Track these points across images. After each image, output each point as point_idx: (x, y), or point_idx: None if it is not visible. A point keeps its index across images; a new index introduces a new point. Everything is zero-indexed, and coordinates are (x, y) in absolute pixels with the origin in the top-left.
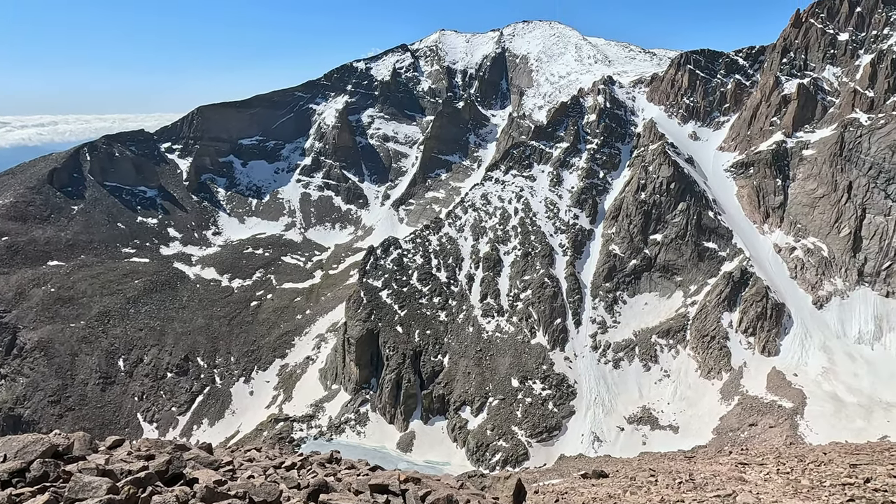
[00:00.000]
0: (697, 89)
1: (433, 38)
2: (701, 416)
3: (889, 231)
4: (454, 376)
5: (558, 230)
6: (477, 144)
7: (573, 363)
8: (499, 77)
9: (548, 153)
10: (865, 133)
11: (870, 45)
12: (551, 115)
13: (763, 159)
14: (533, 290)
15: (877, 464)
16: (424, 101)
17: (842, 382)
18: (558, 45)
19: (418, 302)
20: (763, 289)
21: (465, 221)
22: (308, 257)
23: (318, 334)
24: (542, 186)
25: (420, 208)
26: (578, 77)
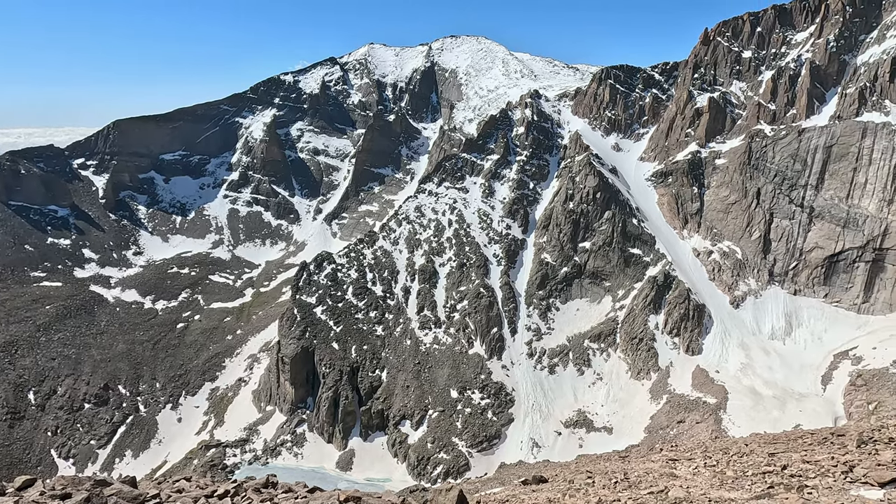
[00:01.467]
0: (618, 103)
1: (362, 51)
2: (633, 416)
3: (794, 234)
4: (393, 391)
5: (492, 240)
6: (409, 157)
7: (510, 371)
8: (429, 90)
9: (479, 165)
10: (770, 143)
11: (770, 62)
12: (481, 128)
13: (680, 168)
14: (469, 300)
15: (792, 451)
16: (355, 114)
17: (758, 377)
18: (486, 59)
19: (354, 317)
20: (685, 291)
21: (400, 234)
22: (238, 275)
23: (251, 355)
24: (474, 198)
25: (353, 222)
26: (506, 91)
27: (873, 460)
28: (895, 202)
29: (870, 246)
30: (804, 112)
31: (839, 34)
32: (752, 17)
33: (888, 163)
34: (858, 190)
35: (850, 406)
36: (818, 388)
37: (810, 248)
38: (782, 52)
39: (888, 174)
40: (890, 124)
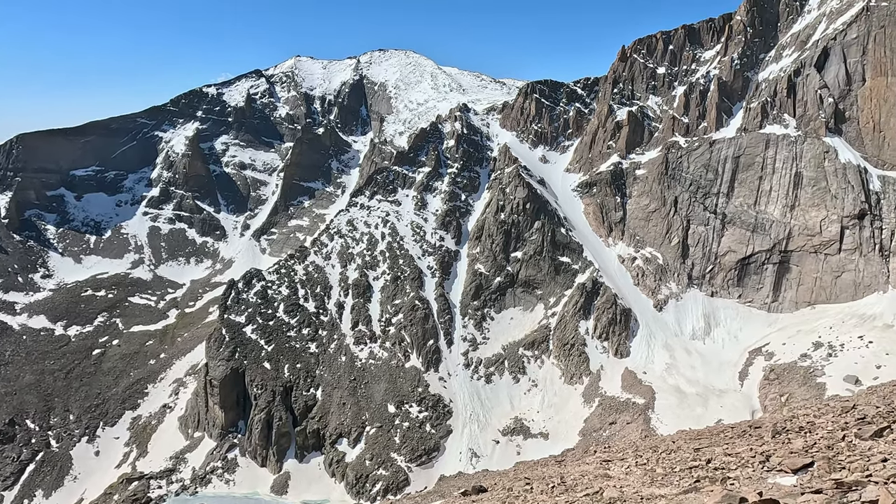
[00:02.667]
0: (544, 116)
1: (289, 63)
2: (567, 420)
3: (709, 239)
4: (329, 409)
5: (426, 252)
6: (340, 170)
7: (448, 382)
8: (358, 103)
9: (411, 178)
10: (684, 154)
11: (682, 78)
12: (412, 141)
13: (604, 179)
14: (404, 313)
15: (715, 445)
16: (283, 127)
17: (682, 375)
18: (415, 73)
19: (286, 335)
20: (612, 297)
21: (332, 248)
22: (160, 296)
23: (176, 379)
24: (407, 210)
25: (283, 237)
26: (436, 104)
27: (786, 449)
28: (797, 207)
29: (776, 249)
30: (714, 125)
31: (742, 53)
32: (664, 35)
33: (789, 171)
34: (764, 197)
35: (764, 399)
36: (736, 384)
37: (724, 252)
38: (693, 68)
39: (789, 182)
40: (789, 136)
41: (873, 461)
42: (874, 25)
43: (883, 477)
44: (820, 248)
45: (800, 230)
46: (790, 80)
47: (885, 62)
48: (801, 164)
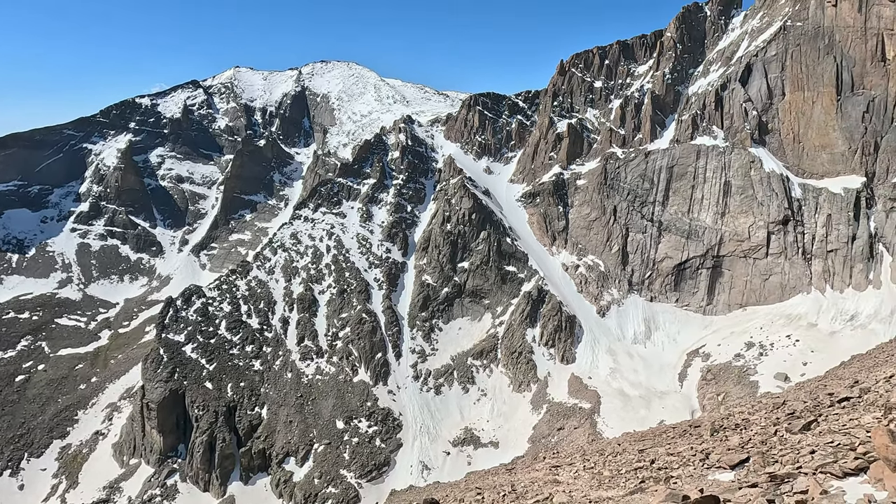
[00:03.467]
0: (487, 128)
1: (227, 74)
2: (517, 427)
3: (647, 246)
4: (275, 427)
5: (372, 265)
6: (282, 183)
7: (397, 395)
8: (300, 115)
9: (356, 189)
10: (622, 165)
11: (618, 92)
12: (356, 153)
13: (546, 189)
14: (351, 326)
15: (658, 445)
16: (222, 139)
17: (625, 379)
18: (358, 85)
19: (229, 353)
20: (557, 304)
21: (276, 263)
22: (91, 317)
23: (110, 404)
24: (352, 222)
25: (224, 252)
26: (380, 116)
27: (724, 446)
28: (727, 215)
29: (709, 254)
30: (649, 136)
31: (673, 68)
32: (600, 50)
33: (719, 180)
34: (697, 205)
35: (703, 399)
36: (676, 385)
37: (661, 259)
38: (627, 82)
39: (719, 190)
40: (718, 147)
41: (803, 453)
42: (791, 44)
43: (812, 468)
44: (749, 252)
45: (730, 236)
46: (717, 93)
47: (801, 78)
48: (730, 174)
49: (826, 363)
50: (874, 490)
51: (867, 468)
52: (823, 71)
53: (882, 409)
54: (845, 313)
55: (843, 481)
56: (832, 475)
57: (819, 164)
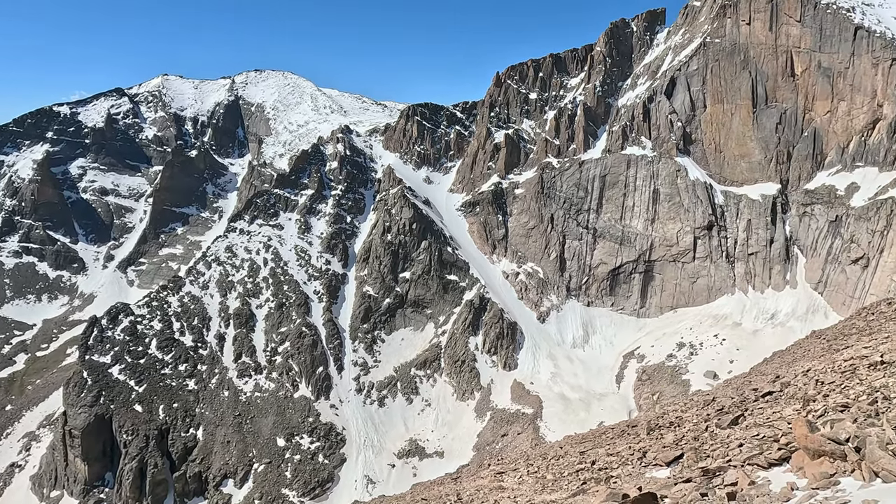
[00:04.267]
0: (426, 138)
1: (155, 82)
2: (461, 436)
3: (583, 252)
4: (211, 449)
5: (312, 277)
6: (216, 195)
7: (340, 409)
8: (234, 125)
9: (293, 201)
10: (557, 174)
11: (552, 103)
12: (293, 163)
13: (486, 198)
14: (291, 341)
15: (598, 446)
16: (150, 149)
17: (566, 383)
18: (294, 94)
19: (160, 373)
20: (498, 311)
21: (210, 277)
22: (5, 339)
23: (27, 433)
24: (290, 234)
25: (154, 268)
26: (317, 126)
27: (660, 444)
28: (656, 221)
29: (641, 259)
30: (582, 147)
31: (603, 81)
32: (534, 63)
33: (648, 188)
34: (629, 212)
35: (639, 399)
36: (614, 387)
37: (597, 265)
38: (561, 94)
39: (649, 198)
40: (646, 156)
41: (732, 447)
42: (710, 59)
43: (740, 461)
44: (678, 256)
45: (660, 241)
46: (645, 106)
47: (721, 91)
48: (658, 182)
49: (750, 360)
50: (796, 478)
51: (790, 458)
52: (740, 85)
53: (801, 401)
54: (766, 312)
55: (769, 471)
56: (759, 466)
57: (739, 173)
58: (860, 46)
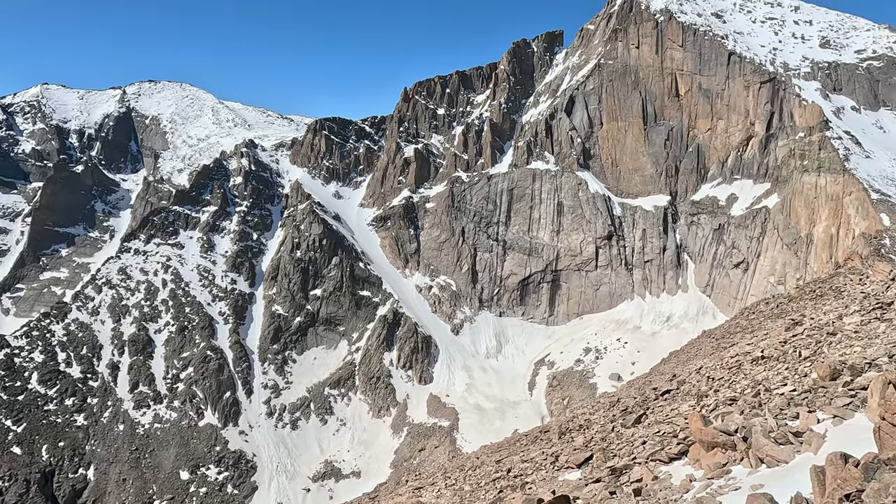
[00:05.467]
0: (334, 153)
1: (34, 91)
2: (378, 454)
3: (494, 264)
4: (104, 489)
5: (216, 298)
6: (107, 213)
7: (249, 435)
8: (126, 138)
9: (195, 218)
10: (467, 188)
11: (460, 119)
12: (194, 179)
13: (397, 213)
14: (195, 366)
15: (513, 454)
16: (28, 164)
17: (481, 393)
18: (193, 107)
19: (43, 410)
20: (412, 326)
21: (101, 302)
22: None
23: None
24: (192, 253)
25: (34, 294)
26: (219, 140)
27: (571, 447)
28: (561, 232)
29: (548, 269)
30: (490, 161)
31: (507, 98)
32: (441, 79)
33: (553, 201)
34: (536, 224)
35: (550, 405)
36: (527, 394)
37: (507, 275)
38: (468, 110)
39: (554, 210)
40: (550, 170)
41: (636, 445)
42: (605, 79)
43: (644, 457)
44: (581, 265)
45: (565, 251)
46: (547, 122)
47: (615, 109)
48: (562, 195)
49: (650, 361)
50: (693, 470)
51: (687, 451)
52: (632, 104)
53: (695, 397)
54: (662, 315)
55: (670, 466)
56: (661, 461)
57: (633, 185)
58: (734, 70)
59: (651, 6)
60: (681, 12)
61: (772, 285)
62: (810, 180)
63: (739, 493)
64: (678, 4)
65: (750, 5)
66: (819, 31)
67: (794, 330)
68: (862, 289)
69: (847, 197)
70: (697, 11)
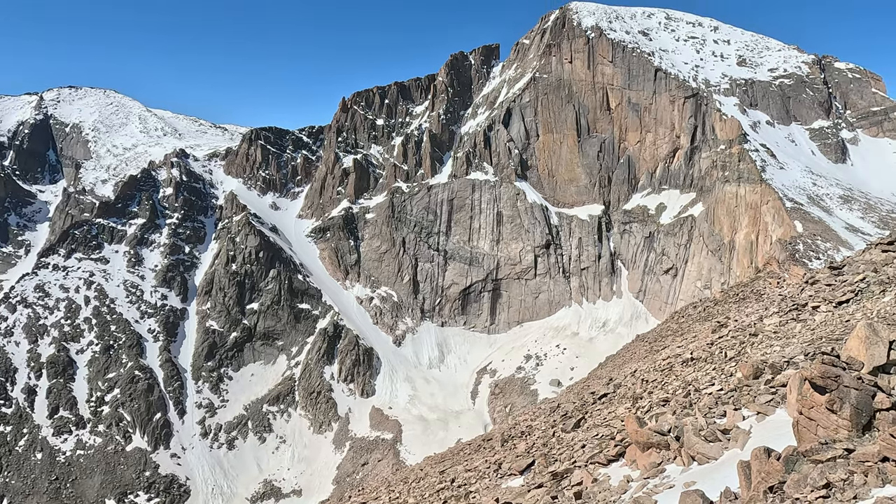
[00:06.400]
0: (271, 163)
1: None
2: (320, 471)
3: (435, 274)
4: None
5: (145, 314)
6: (22, 226)
7: (182, 458)
8: (44, 147)
9: (121, 231)
10: (407, 198)
11: (399, 129)
12: (120, 190)
13: (336, 224)
14: (121, 387)
15: (457, 464)
16: None
17: (424, 404)
18: (118, 115)
19: None
20: (354, 338)
21: (15, 322)
22: None
23: None
24: (118, 269)
25: None
26: (147, 149)
27: (513, 454)
28: (501, 241)
29: (489, 278)
30: (430, 172)
31: (446, 109)
32: (380, 90)
33: (492, 211)
34: (476, 234)
35: (493, 412)
36: (470, 403)
37: (449, 285)
38: (407, 121)
39: (493, 220)
40: (489, 181)
41: (576, 449)
42: (540, 92)
43: (584, 461)
44: (521, 274)
45: (505, 260)
46: (485, 134)
47: (550, 122)
48: (501, 205)
49: (588, 366)
50: (631, 471)
51: (624, 452)
52: (566, 116)
53: (631, 399)
54: (599, 321)
55: (608, 468)
56: (599, 464)
57: (569, 195)
58: (660, 86)
59: (583, 23)
60: (610, 30)
61: (699, 290)
62: (731, 190)
63: (673, 490)
64: (608, 22)
65: (673, 24)
66: (736, 50)
67: (720, 332)
68: (780, 291)
69: (764, 205)
70: (626, 29)
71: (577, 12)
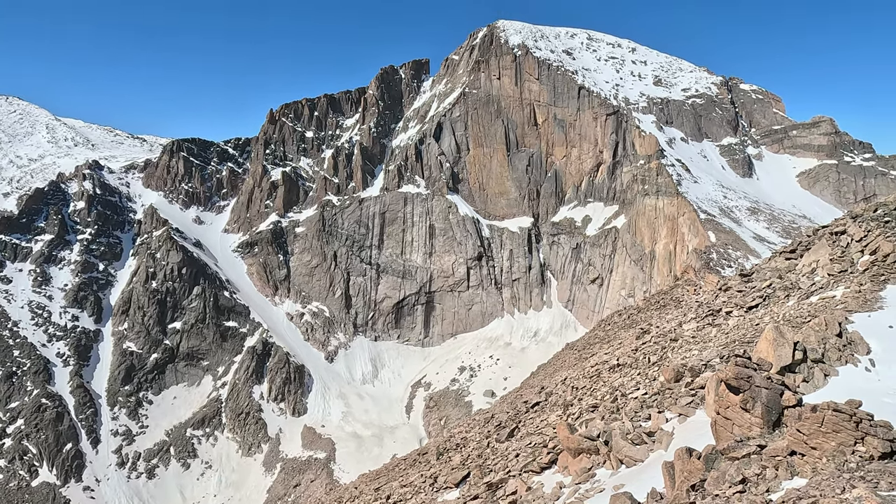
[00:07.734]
0: (194, 175)
1: None
2: (250, 496)
3: (368, 288)
4: None
5: (54, 337)
6: None
7: (97, 491)
8: None
9: (25, 248)
10: (339, 212)
11: (329, 142)
12: (24, 204)
13: (265, 238)
14: (26, 417)
15: (392, 480)
16: None
17: (358, 421)
18: (23, 123)
19: None
20: (284, 355)
21: None
22: None
23: None
24: (22, 289)
25: None
26: (56, 160)
27: (449, 466)
28: (433, 254)
29: (423, 291)
30: (361, 185)
31: (377, 122)
32: (309, 102)
33: (425, 224)
34: (409, 247)
35: (428, 426)
36: (405, 418)
37: (382, 299)
38: (337, 133)
39: (426, 233)
40: (421, 194)
41: (510, 458)
42: (470, 107)
43: (518, 470)
44: (454, 286)
45: (438, 273)
46: (417, 147)
47: (480, 136)
48: (433, 218)
49: (521, 375)
50: (563, 477)
51: (557, 459)
52: (496, 131)
53: (562, 407)
54: (530, 331)
55: (542, 475)
56: (533, 472)
57: (500, 208)
58: (584, 103)
59: (510, 41)
60: (536, 48)
61: (623, 298)
62: (651, 203)
63: (604, 494)
64: (533, 41)
65: (595, 45)
66: (653, 70)
67: (643, 338)
68: (696, 298)
69: (681, 217)
70: (550, 48)
71: (504, 30)
